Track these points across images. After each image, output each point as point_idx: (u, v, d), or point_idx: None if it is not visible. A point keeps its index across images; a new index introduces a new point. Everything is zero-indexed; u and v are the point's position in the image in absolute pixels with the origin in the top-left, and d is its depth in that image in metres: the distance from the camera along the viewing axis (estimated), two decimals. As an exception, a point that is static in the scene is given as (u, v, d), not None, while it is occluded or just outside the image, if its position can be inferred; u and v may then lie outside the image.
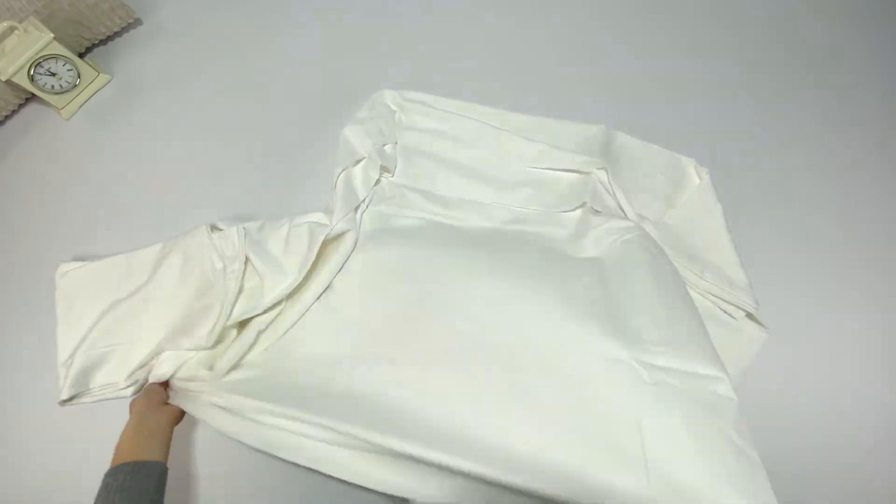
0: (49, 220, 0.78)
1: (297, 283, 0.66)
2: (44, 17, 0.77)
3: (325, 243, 0.68)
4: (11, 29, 0.74)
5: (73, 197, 0.79)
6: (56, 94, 0.81)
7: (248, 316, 0.65)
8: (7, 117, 0.84)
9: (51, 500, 0.65)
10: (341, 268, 0.69)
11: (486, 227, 0.74)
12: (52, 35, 0.75)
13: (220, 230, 0.69)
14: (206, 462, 0.66)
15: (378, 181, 0.75)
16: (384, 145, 0.76)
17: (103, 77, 0.85)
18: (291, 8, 0.88)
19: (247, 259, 0.67)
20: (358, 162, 0.74)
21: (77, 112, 0.84)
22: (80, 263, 0.70)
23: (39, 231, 0.77)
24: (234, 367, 0.62)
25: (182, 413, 0.60)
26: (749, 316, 0.68)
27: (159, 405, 0.59)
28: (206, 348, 0.63)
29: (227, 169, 0.80)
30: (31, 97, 0.84)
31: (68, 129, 0.84)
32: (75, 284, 0.69)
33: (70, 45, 0.80)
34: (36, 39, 0.75)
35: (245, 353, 0.63)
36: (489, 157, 0.78)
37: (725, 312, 0.68)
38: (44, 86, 0.79)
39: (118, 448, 0.54)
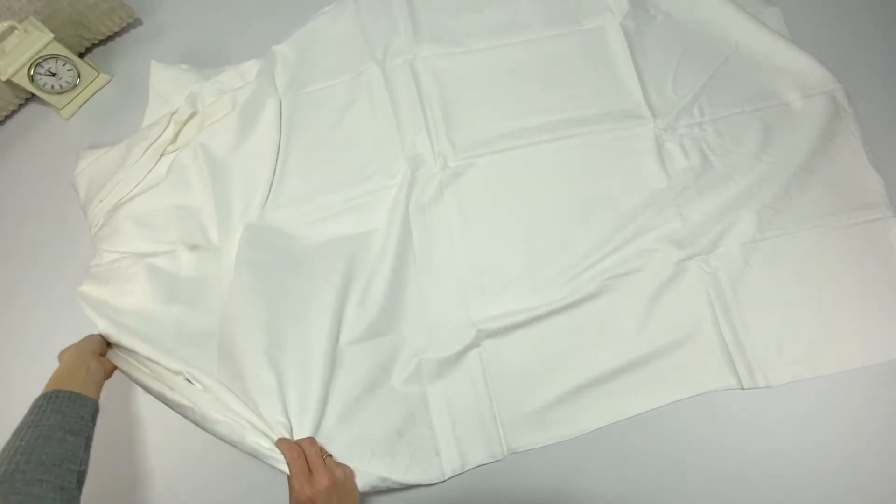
0: (49, 220, 0.78)
1: None
2: (44, 17, 0.77)
3: None
4: (11, 29, 0.74)
5: (74, 197, 0.79)
6: (56, 94, 0.81)
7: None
8: (7, 117, 0.84)
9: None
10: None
11: None
12: (52, 35, 0.75)
13: None
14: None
15: None
16: None
17: (103, 77, 0.85)
18: (291, 8, 0.88)
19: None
20: None
21: (77, 112, 0.84)
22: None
23: (39, 231, 0.77)
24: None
25: (113, 368, 0.59)
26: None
27: (97, 353, 0.59)
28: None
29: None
30: (31, 97, 0.84)
31: (68, 129, 0.84)
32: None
33: (70, 45, 0.80)
34: (36, 39, 0.75)
35: None
36: None
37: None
38: (44, 86, 0.79)
39: (53, 379, 0.53)
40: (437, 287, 0.69)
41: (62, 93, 0.81)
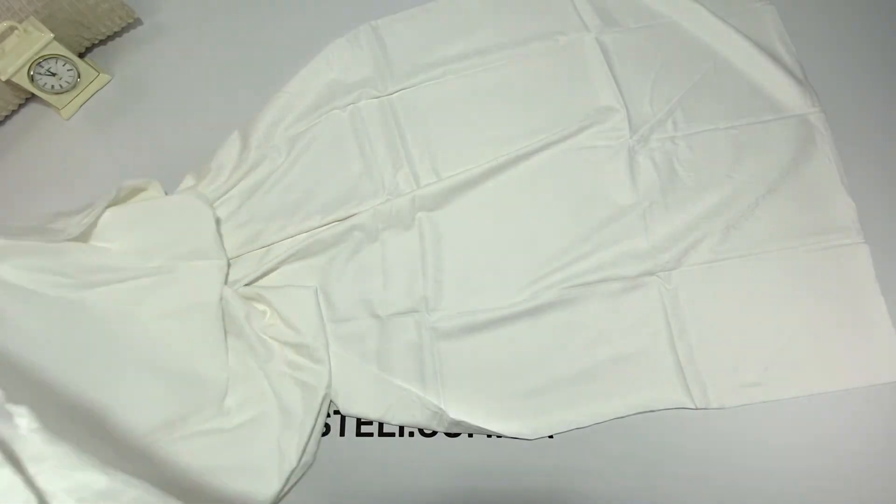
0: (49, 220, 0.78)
1: None
2: (44, 17, 0.77)
3: None
4: (11, 29, 0.74)
5: (73, 197, 0.79)
6: (56, 94, 0.81)
7: None
8: (7, 117, 0.84)
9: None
10: None
11: None
12: (52, 35, 0.75)
13: None
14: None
15: None
16: None
17: (103, 77, 0.85)
18: (291, 7, 0.88)
19: None
20: None
21: (77, 112, 0.84)
22: None
23: (39, 231, 0.77)
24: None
25: None
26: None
27: None
28: None
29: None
30: (31, 97, 0.84)
31: (68, 129, 0.84)
32: None
33: (70, 45, 0.81)
34: (36, 39, 0.75)
35: None
36: None
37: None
38: (44, 86, 0.79)
39: None
40: (397, 284, 0.70)
41: (62, 93, 0.81)
